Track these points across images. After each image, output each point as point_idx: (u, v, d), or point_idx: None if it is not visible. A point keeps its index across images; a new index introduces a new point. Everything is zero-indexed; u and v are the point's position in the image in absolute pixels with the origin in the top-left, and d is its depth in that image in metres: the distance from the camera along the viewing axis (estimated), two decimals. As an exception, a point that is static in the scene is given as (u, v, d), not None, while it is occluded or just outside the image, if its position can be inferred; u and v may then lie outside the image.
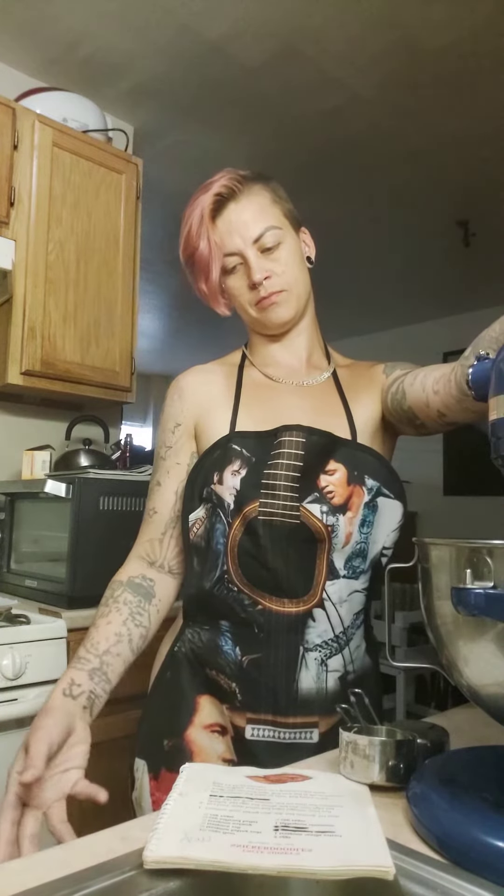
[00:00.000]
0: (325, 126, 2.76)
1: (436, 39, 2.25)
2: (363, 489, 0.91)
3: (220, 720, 0.92)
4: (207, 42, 2.28)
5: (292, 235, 1.00)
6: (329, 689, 0.90)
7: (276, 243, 0.97)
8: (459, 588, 0.54)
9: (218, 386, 1.02)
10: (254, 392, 1.01)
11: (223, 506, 0.92)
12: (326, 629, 0.90)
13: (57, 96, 2.32)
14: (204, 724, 0.92)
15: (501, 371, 0.60)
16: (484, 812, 0.55)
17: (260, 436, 0.93)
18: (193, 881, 0.51)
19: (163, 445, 1.03)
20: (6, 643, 1.53)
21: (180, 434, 1.01)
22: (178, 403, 1.02)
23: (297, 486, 0.89)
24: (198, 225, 0.97)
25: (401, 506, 0.94)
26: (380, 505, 0.92)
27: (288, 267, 0.97)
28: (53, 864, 0.52)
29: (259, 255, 0.96)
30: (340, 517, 0.89)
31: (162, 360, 6.74)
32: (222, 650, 0.92)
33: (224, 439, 0.94)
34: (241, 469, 0.91)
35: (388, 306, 5.05)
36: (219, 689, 0.92)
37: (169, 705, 0.95)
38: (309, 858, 0.51)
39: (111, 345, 2.26)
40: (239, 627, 0.91)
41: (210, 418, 0.99)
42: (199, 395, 1.01)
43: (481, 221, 3.55)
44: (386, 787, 0.65)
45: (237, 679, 0.90)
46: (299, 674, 0.88)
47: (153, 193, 3.14)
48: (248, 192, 0.98)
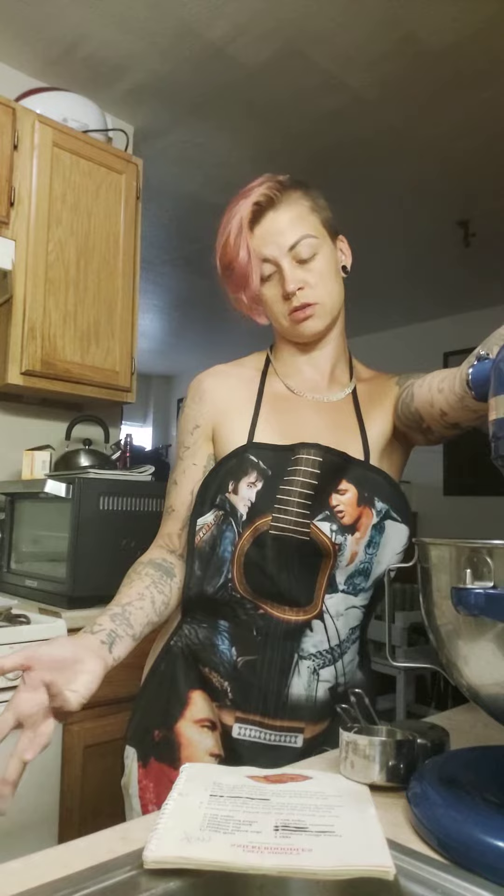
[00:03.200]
0: (327, 127, 2.76)
1: (438, 40, 2.25)
2: (372, 511, 0.92)
3: (210, 716, 0.94)
4: (208, 42, 2.28)
5: (329, 245, 1.00)
6: (318, 698, 0.91)
7: (311, 254, 0.96)
8: (459, 588, 0.54)
9: (239, 392, 1.02)
10: (274, 403, 1.01)
11: (235, 515, 0.93)
12: (322, 640, 0.91)
13: (57, 96, 2.32)
14: (195, 718, 0.94)
15: (501, 371, 0.60)
16: (484, 812, 0.55)
17: (277, 449, 0.94)
18: (193, 881, 0.51)
19: (181, 445, 1.04)
20: (6, 643, 1.53)
21: (198, 436, 1.02)
22: (198, 405, 1.03)
23: (309, 504, 0.90)
24: (236, 234, 0.97)
25: (407, 530, 0.95)
26: (387, 528, 0.93)
27: (322, 279, 0.97)
28: (53, 864, 0.52)
29: (294, 264, 0.96)
30: (349, 537, 0.91)
31: (162, 360, 6.74)
32: (218, 649, 0.93)
33: (241, 449, 0.95)
34: (258, 481, 0.92)
35: (389, 306, 5.05)
36: (211, 687, 0.93)
37: (161, 697, 0.97)
38: (309, 858, 0.51)
39: (111, 345, 2.26)
40: (237, 628, 0.92)
41: (228, 424, 0.99)
42: (219, 399, 1.02)
43: (482, 221, 3.55)
44: (386, 787, 0.65)
45: (230, 679, 0.91)
46: (291, 679, 0.90)
47: (153, 193, 3.14)
48: (287, 200, 0.97)
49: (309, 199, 0.99)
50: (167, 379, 7.53)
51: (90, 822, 1.67)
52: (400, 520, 0.94)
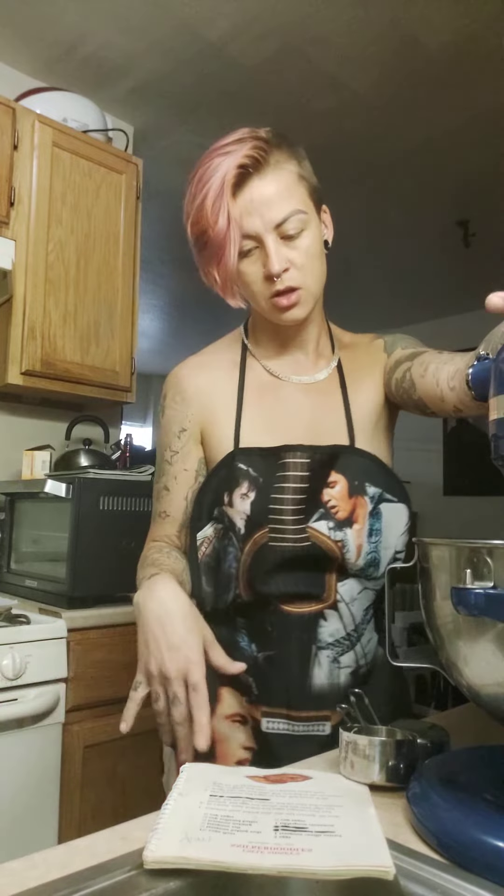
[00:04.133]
0: (325, 126, 2.76)
1: (436, 39, 2.25)
2: (365, 499, 0.90)
3: (240, 710, 0.93)
4: (207, 42, 2.28)
5: (315, 220, 0.91)
6: (342, 684, 0.90)
7: (298, 230, 0.87)
8: (459, 588, 0.54)
9: (221, 386, 0.98)
10: (257, 394, 0.98)
11: (234, 530, 0.91)
12: (338, 628, 0.90)
13: (57, 96, 2.32)
14: (226, 714, 0.93)
15: (501, 371, 0.60)
16: (484, 812, 0.55)
17: (264, 453, 0.91)
18: (193, 881, 0.51)
19: (167, 449, 1.00)
20: (6, 643, 1.53)
21: (186, 439, 0.98)
22: (181, 407, 0.99)
23: (302, 508, 0.88)
24: (215, 198, 0.84)
25: (405, 508, 0.93)
26: (384, 511, 0.91)
27: (308, 258, 0.88)
28: (53, 864, 0.52)
29: (279, 241, 0.86)
30: (348, 531, 0.88)
31: (162, 360, 6.74)
32: (239, 645, 0.92)
33: (229, 457, 0.93)
34: (250, 492, 0.90)
35: (388, 306, 5.04)
36: (237, 682, 0.93)
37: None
38: (309, 858, 0.51)
39: (111, 345, 2.26)
40: (253, 625, 0.92)
41: (215, 425, 0.97)
42: (202, 398, 0.98)
43: (481, 221, 3.55)
44: (386, 787, 0.65)
45: (253, 674, 0.91)
46: (312, 671, 0.89)
47: (153, 193, 3.14)
48: (275, 165, 0.86)
49: (296, 163, 0.89)
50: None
51: (90, 822, 1.67)
52: (395, 499, 0.91)
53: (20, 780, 1.54)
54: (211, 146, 0.88)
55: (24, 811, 1.55)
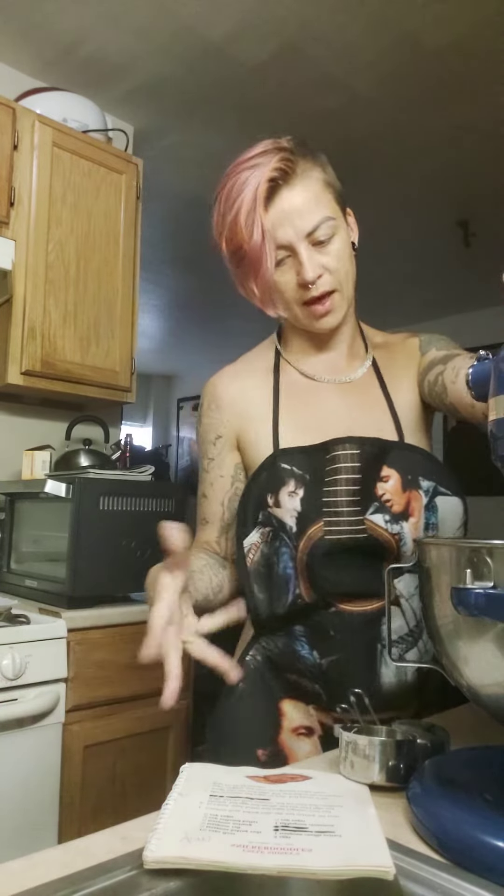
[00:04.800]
0: (326, 126, 2.75)
1: (436, 39, 2.25)
2: (419, 492, 0.89)
3: (305, 722, 0.91)
4: (208, 42, 2.28)
5: (343, 224, 0.93)
6: (409, 681, 0.89)
7: (329, 235, 0.89)
8: (459, 588, 0.54)
9: (256, 392, 0.98)
10: (293, 397, 0.97)
11: (285, 529, 0.89)
12: (401, 624, 0.88)
13: (57, 96, 2.32)
14: (291, 727, 0.91)
15: (501, 371, 0.60)
16: (484, 812, 0.55)
17: (307, 451, 0.90)
18: (193, 881, 0.51)
19: (205, 457, 1.01)
20: (6, 643, 1.53)
21: (222, 446, 0.99)
22: (216, 414, 0.99)
23: (357, 500, 0.87)
24: (248, 212, 0.86)
25: (460, 501, 0.91)
26: (439, 505, 0.89)
27: (340, 261, 0.90)
28: (53, 864, 0.52)
29: (311, 248, 0.88)
30: (404, 524, 0.87)
31: (162, 360, 6.74)
32: (299, 654, 0.90)
33: (269, 460, 0.91)
34: (298, 489, 0.88)
35: (388, 307, 5.04)
36: (303, 691, 0.91)
37: (250, 716, 0.93)
38: (309, 858, 0.51)
39: (111, 345, 2.26)
40: (314, 631, 0.89)
41: (251, 431, 0.96)
42: (237, 405, 0.98)
43: (481, 222, 3.55)
44: (386, 787, 0.65)
45: (319, 681, 0.89)
46: (380, 670, 0.87)
47: (153, 193, 3.14)
48: (302, 175, 0.89)
49: (320, 170, 0.92)
50: (167, 379, 7.53)
51: (90, 822, 1.67)
52: (450, 493, 0.90)
53: (20, 780, 1.54)
54: (235, 160, 0.91)
55: (24, 811, 1.55)
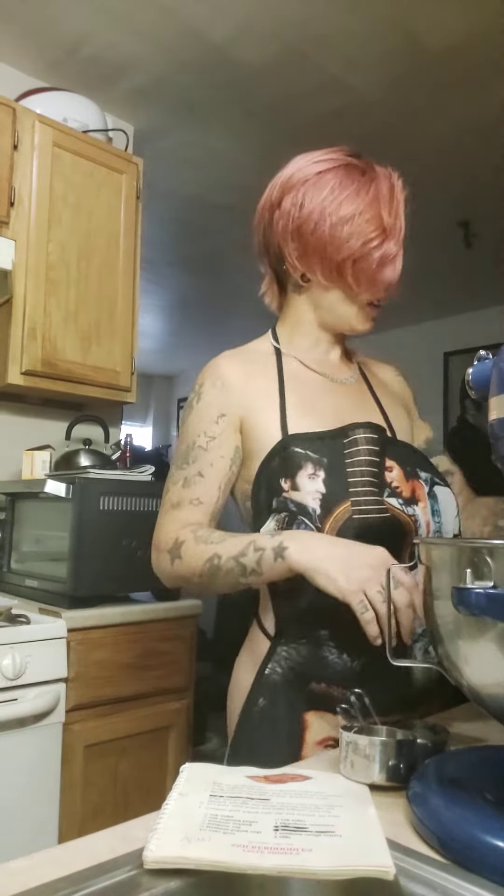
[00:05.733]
0: (327, 127, 2.75)
1: (439, 41, 2.25)
2: (421, 482, 0.93)
3: (331, 733, 0.89)
4: (209, 42, 2.28)
5: None
6: (434, 675, 0.89)
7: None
8: (460, 588, 0.54)
9: (261, 378, 0.98)
10: (299, 386, 0.98)
11: (306, 512, 0.87)
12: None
13: (57, 96, 2.32)
14: (316, 740, 0.89)
15: (501, 371, 0.60)
16: (484, 812, 0.55)
17: (323, 436, 0.91)
18: (193, 881, 0.51)
19: (203, 434, 0.95)
20: (6, 643, 1.53)
21: (225, 425, 0.95)
22: (221, 393, 0.96)
23: (377, 482, 0.90)
24: (389, 199, 0.95)
25: (452, 492, 0.96)
26: (438, 494, 0.94)
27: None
28: (53, 864, 0.52)
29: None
30: (415, 507, 0.91)
31: (163, 360, 6.74)
32: (328, 660, 0.88)
33: (280, 445, 0.91)
34: (318, 471, 0.88)
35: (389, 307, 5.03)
36: (329, 700, 0.87)
37: (273, 732, 0.90)
38: (309, 858, 0.51)
39: (112, 345, 2.26)
40: (341, 633, 0.87)
41: (258, 417, 0.95)
42: (244, 388, 0.96)
43: (482, 222, 3.55)
44: (386, 787, 0.65)
45: (353, 685, 0.85)
46: (413, 668, 0.89)
47: (153, 193, 3.14)
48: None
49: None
50: (168, 379, 7.53)
51: (90, 822, 1.67)
52: (443, 484, 0.95)
53: (20, 780, 1.54)
54: (333, 156, 1.03)
55: (24, 811, 1.55)
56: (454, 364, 5.00)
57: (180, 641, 1.91)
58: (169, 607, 1.90)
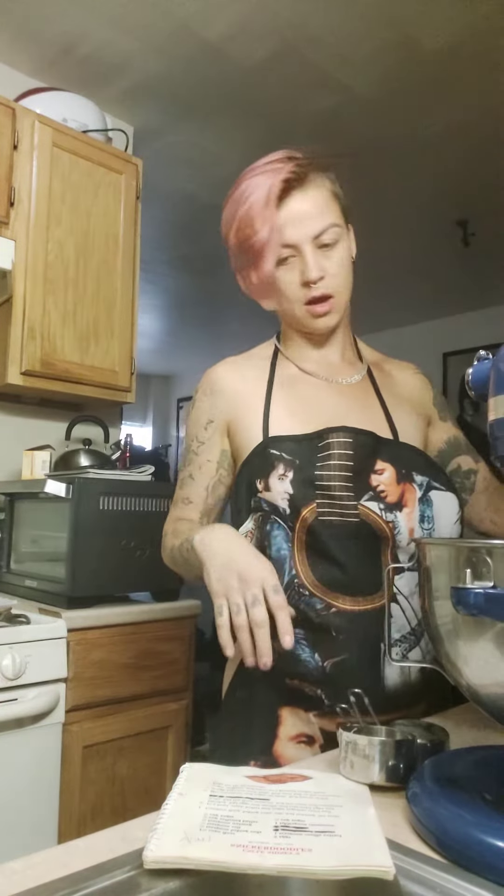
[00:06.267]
0: (325, 127, 2.75)
1: (435, 39, 2.25)
2: (414, 486, 0.91)
3: (305, 730, 0.90)
4: (206, 42, 2.28)
5: (346, 235, 0.99)
6: (413, 681, 0.89)
7: (333, 241, 0.95)
8: (459, 588, 0.54)
9: (251, 382, 1.01)
10: (288, 389, 1.00)
11: (278, 512, 0.90)
12: (403, 623, 0.89)
13: (56, 96, 2.32)
14: (290, 735, 0.90)
15: (501, 371, 0.60)
16: (484, 812, 0.55)
17: (300, 440, 0.92)
18: (193, 881, 0.51)
19: (195, 440, 1.02)
20: (6, 643, 1.53)
21: (213, 431, 1.01)
22: (211, 399, 1.01)
23: (351, 486, 0.89)
24: (262, 208, 0.92)
25: (454, 497, 0.94)
26: (434, 499, 0.92)
27: (341, 268, 0.96)
28: (53, 864, 0.52)
29: (316, 250, 0.94)
30: (398, 513, 0.89)
31: (162, 360, 6.74)
32: (300, 658, 0.89)
33: (260, 447, 0.94)
34: (287, 472, 0.90)
35: (388, 306, 5.04)
36: (302, 697, 0.89)
37: (248, 724, 0.92)
38: (309, 858, 0.51)
39: (111, 345, 2.26)
40: (314, 633, 0.88)
41: (244, 419, 0.98)
42: (232, 392, 1.00)
43: (481, 221, 3.55)
44: (386, 787, 0.65)
45: (322, 684, 0.87)
46: (384, 671, 0.87)
47: (153, 193, 3.14)
48: (314, 182, 0.95)
49: (330, 182, 0.98)
50: (167, 379, 7.53)
51: (90, 822, 1.67)
52: (444, 488, 0.93)
53: (20, 780, 1.54)
54: (251, 166, 0.98)
55: (24, 811, 1.55)
56: (453, 364, 5.00)
57: (179, 642, 1.91)
58: (168, 608, 1.90)
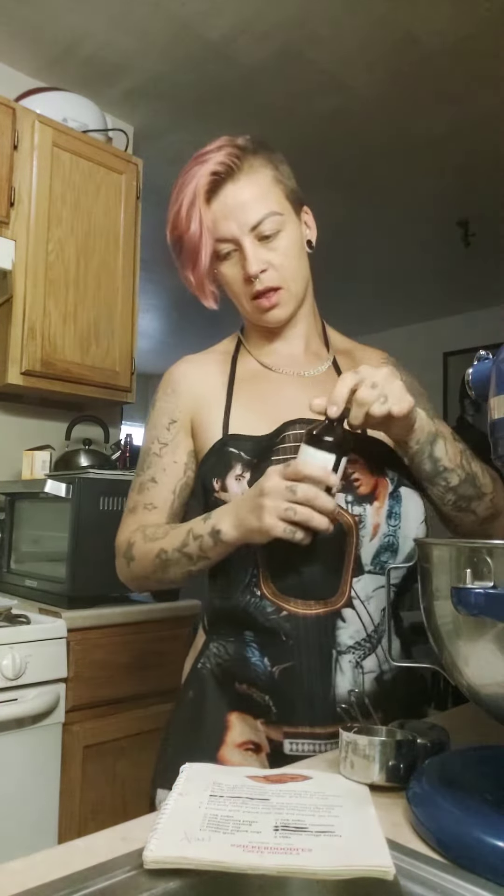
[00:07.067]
0: (326, 127, 2.75)
1: (437, 40, 2.25)
2: (386, 479, 0.87)
3: (252, 737, 0.86)
4: (207, 42, 2.28)
5: (294, 220, 0.93)
6: (366, 691, 0.84)
7: (275, 231, 0.89)
8: (459, 588, 0.54)
9: (213, 378, 0.97)
10: (250, 384, 0.96)
11: None
12: (358, 629, 0.85)
13: (57, 96, 2.32)
14: (236, 742, 0.86)
15: (501, 371, 0.60)
16: (484, 812, 0.55)
17: (259, 438, 0.88)
18: (193, 881, 0.51)
19: (156, 441, 0.98)
20: (6, 643, 1.53)
21: (176, 431, 0.97)
22: (172, 398, 0.98)
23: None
24: (189, 205, 0.89)
25: (420, 497, 0.90)
26: (403, 495, 0.88)
27: (287, 258, 0.90)
28: (53, 864, 0.52)
29: (256, 243, 0.89)
30: (367, 507, 0.85)
31: (162, 360, 6.72)
32: (250, 662, 0.86)
33: (218, 444, 0.90)
34: (245, 473, 0.86)
35: (389, 306, 5.04)
36: (251, 703, 0.86)
37: (195, 727, 0.89)
38: (309, 858, 0.51)
39: (111, 345, 2.26)
40: (264, 636, 0.85)
41: (205, 416, 0.95)
42: (193, 389, 0.96)
43: (481, 221, 3.55)
44: (386, 787, 0.65)
45: (270, 691, 0.84)
46: (335, 679, 0.83)
47: (153, 193, 3.13)
48: (249, 171, 0.90)
49: (272, 168, 0.92)
50: (167, 379, 7.53)
51: (90, 822, 1.67)
52: (412, 487, 0.89)
53: (20, 780, 1.54)
54: (193, 156, 0.93)
55: (24, 811, 1.54)
56: (453, 364, 5.01)
57: (179, 642, 1.91)
58: (168, 608, 1.90)
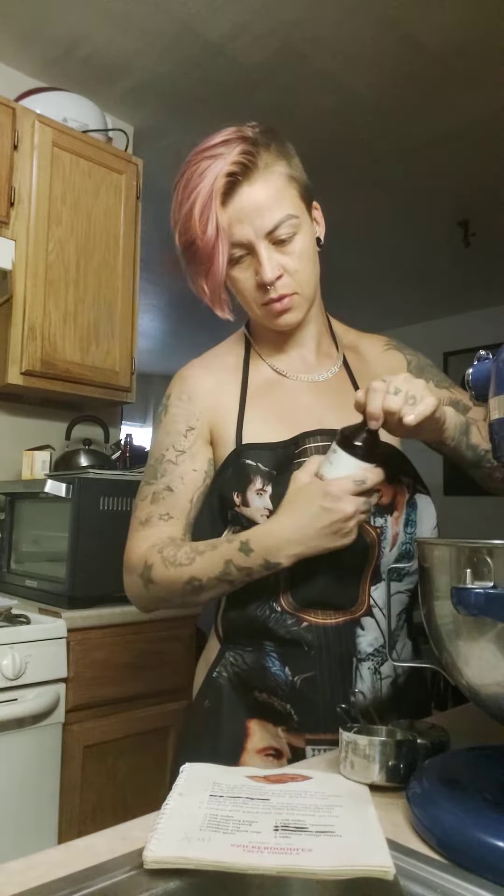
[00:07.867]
0: (325, 126, 2.75)
1: (437, 40, 2.25)
2: (403, 486, 0.87)
3: (273, 743, 0.86)
4: (207, 42, 2.28)
5: (307, 221, 0.89)
6: (384, 696, 0.85)
7: (290, 235, 0.85)
8: (459, 588, 0.54)
9: (227, 386, 0.94)
10: (263, 392, 0.94)
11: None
12: (377, 636, 0.85)
13: (57, 96, 2.32)
14: (257, 748, 0.86)
15: (501, 371, 0.60)
16: (484, 812, 0.55)
17: (275, 447, 0.86)
18: (193, 881, 0.51)
19: (171, 448, 0.93)
20: (6, 643, 1.53)
21: (195, 438, 0.92)
22: (188, 405, 0.94)
23: None
24: (203, 206, 0.83)
25: (432, 501, 0.91)
26: (419, 502, 0.89)
27: (301, 262, 0.87)
28: (53, 864, 0.52)
29: (271, 248, 0.85)
30: (388, 518, 0.85)
31: (162, 360, 6.74)
32: (270, 671, 0.85)
33: (233, 455, 0.88)
34: (266, 486, 0.84)
35: (389, 306, 5.04)
36: (271, 711, 0.86)
37: (214, 735, 0.88)
38: (309, 858, 0.51)
39: (111, 345, 2.26)
40: (285, 647, 0.85)
41: (221, 425, 0.92)
42: (210, 398, 0.93)
43: (481, 221, 3.55)
44: (386, 787, 0.65)
45: (291, 700, 0.84)
46: (356, 686, 0.84)
47: (153, 193, 3.14)
48: (264, 169, 0.84)
49: (285, 163, 0.87)
50: (167, 379, 7.49)
51: (90, 822, 1.67)
52: (425, 492, 0.90)
53: (20, 780, 1.54)
54: (197, 146, 0.88)
55: (24, 811, 1.54)
56: (454, 364, 5.00)
57: (179, 642, 1.91)
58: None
